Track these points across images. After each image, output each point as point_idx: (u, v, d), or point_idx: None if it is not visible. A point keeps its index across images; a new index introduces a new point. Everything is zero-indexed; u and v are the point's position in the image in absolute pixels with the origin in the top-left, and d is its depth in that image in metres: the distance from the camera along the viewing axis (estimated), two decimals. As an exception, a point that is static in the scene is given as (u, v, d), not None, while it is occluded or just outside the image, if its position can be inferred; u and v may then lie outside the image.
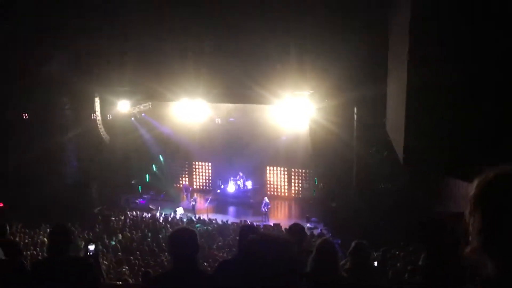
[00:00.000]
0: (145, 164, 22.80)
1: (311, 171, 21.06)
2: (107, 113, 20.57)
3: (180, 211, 20.03)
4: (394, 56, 10.49)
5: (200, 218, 18.85)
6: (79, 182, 19.33)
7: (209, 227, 17.19)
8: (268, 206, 19.55)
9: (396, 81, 9.13)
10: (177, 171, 23.85)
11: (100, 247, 12.46)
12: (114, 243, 14.55)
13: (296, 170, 22.16)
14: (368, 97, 14.00)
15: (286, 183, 22.44)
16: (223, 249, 13.96)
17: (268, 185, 22.48)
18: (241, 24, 14.73)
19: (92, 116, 19.99)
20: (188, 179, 23.54)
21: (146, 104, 21.17)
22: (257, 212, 19.80)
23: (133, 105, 20.50)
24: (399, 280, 8.20)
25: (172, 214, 19.46)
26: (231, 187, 21.73)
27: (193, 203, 20.33)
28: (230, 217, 19.53)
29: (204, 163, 23.59)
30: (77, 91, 18.23)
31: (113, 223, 17.35)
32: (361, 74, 14.06)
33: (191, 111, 19.96)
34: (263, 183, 22.35)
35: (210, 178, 23.56)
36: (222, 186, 22.02)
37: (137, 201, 21.35)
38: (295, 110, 17.69)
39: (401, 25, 7.53)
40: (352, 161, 16.44)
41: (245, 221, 17.08)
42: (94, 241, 5.44)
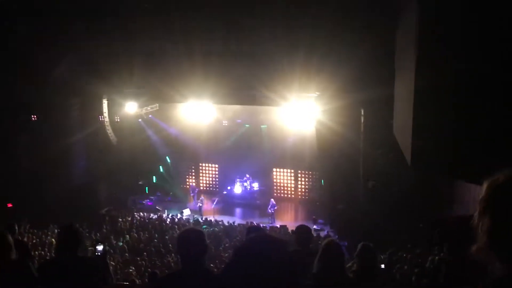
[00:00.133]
0: (152, 165, 22.88)
1: (318, 173, 21.02)
2: (115, 115, 20.70)
3: (187, 212, 20.08)
4: (401, 58, 10.46)
5: (207, 220, 18.88)
6: (87, 183, 19.44)
7: (216, 228, 17.22)
8: (275, 208, 19.53)
9: (403, 83, 9.11)
10: (184, 172, 23.92)
11: (107, 248, 12.53)
12: (122, 244, 14.62)
13: (303, 172, 22.14)
14: (375, 99, 13.97)
15: (293, 185, 22.43)
16: (230, 251, 13.97)
17: (275, 187, 22.48)
18: (248, 26, 14.75)
19: (100, 118, 20.13)
20: (195, 181, 23.59)
21: (154, 106, 21.26)
22: (264, 214, 19.80)
23: (141, 107, 20.60)
24: (406, 283, 8.17)
25: (179, 215, 19.53)
26: (238, 189, 21.75)
27: (200, 204, 20.37)
28: (237, 219, 19.56)
29: (211, 165, 23.64)
30: (86, 93, 18.37)
31: (120, 224, 17.44)
32: (368, 76, 14.02)
33: (198, 113, 20.03)
34: (270, 185, 22.35)
35: (217, 180, 23.60)
36: (229, 188, 22.06)
37: (144, 202, 21.44)
38: (302, 112, 17.70)
39: (408, 27, 7.52)
40: (359, 163, 16.40)
41: (252, 223, 17.10)
42: (102, 242, 5.48)
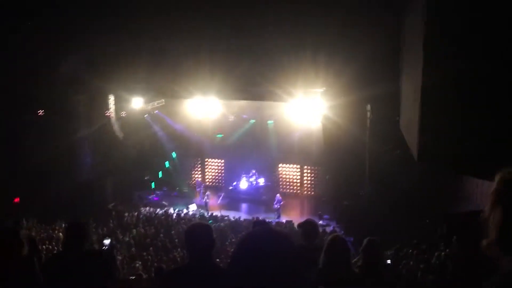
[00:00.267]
0: (158, 161, 22.96)
1: (324, 169, 20.99)
2: (121, 110, 20.77)
3: (193, 208, 20.15)
4: (408, 54, 10.41)
5: (213, 215, 18.95)
6: (93, 179, 19.55)
7: (221, 224, 17.28)
8: (281, 203, 19.55)
9: (410, 79, 9.07)
10: (190, 168, 23.98)
11: (114, 242, 12.61)
12: (128, 239, 14.71)
13: (309, 168, 22.13)
14: (381, 95, 13.91)
15: (299, 180, 22.42)
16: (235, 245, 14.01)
17: (281, 182, 22.49)
18: (254, 23, 14.73)
19: (106, 114, 20.20)
20: (201, 176, 23.65)
21: (160, 101, 21.30)
22: (270, 209, 19.83)
23: (147, 102, 20.65)
24: (412, 279, 8.17)
25: (185, 211, 19.61)
26: (244, 184, 21.79)
27: (206, 200, 20.43)
28: (243, 214, 19.59)
29: (217, 160, 23.67)
30: (92, 89, 18.44)
31: (127, 219, 17.54)
32: (374, 72, 13.96)
33: (204, 108, 20.05)
34: (276, 180, 22.36)
35: (223, 175, 23.65)
36: (235, 183, 22.10)
37: (150, 197, 21.54)
38: (308, 108, 17.66)
39: (415, 23, 7.47)
40: (365, 159, 16.37)
41: (257, 218, 17.13)
42: (109, 236, 5.52)
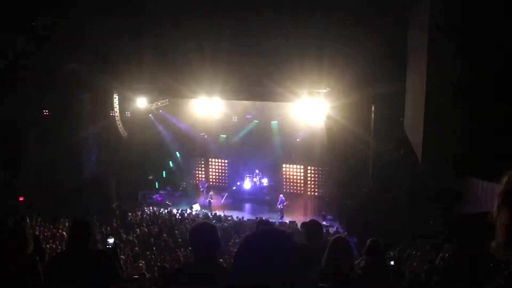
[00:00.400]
0: (162, 160, 23.00)
1: (327, 169, 20.97)
2: (126, 110, 20.82)
3: (196, 207, 20.18)
4: (413, 55, 10.39)
5: (216, 215, 18.95)
6: (97, 178, 19.60)
7: (225, 224, 17.28)
8: (284, 204, 19.54)
9: (415, 80, 9.05)
10: (194, 168, 24.00)
11: (117, 241, 12.65)
12: (132, 238, 14.73)
13: (312, 168, 22.10)
14: (386, 95, 13.90)
15: (302, 181, 22.40)
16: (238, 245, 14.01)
17: (284, 183, 22.47)
18: (259, 22, 14.73)
19: (111, 113, 20.25)
20: (205, 176, 23.66)
21: (164, 101, 21.34)
22: (273, 209, 19.82)
23: (151, 102, 20.69)
24: (416, 280, 8.15)
25: (189, 210, 19.63)
26: (247, 184, 21.79)
27: (210, 200, 20.44)
28: (246, 214, 19.59)
29: (221, 160, 23.69)
30: (97, 88, 18.49)
31: (130, 218, 17.59)
32: (379, 72, 13.95)
33: (208, 108, 20.07)
34: (279, 181, 22.35)
35: (226, 175, 23.65)
36: (238, 183, 22.11)
37: (154, 197, 21.58)
38: (312, 108, 17.64)
39: (420, 24, 7.46)
40: (369, 159, 16.34)
41: (261, 218, 17.12)
42: (112, 235, 5.53)
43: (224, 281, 3.21)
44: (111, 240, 4.71)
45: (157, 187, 22.34)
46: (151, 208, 19.91)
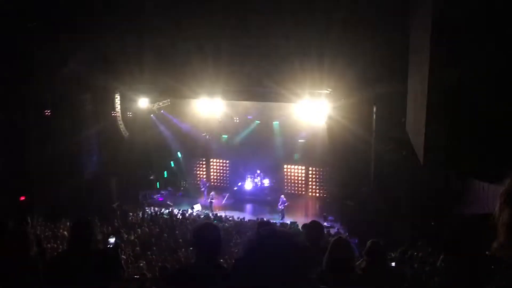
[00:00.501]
0: (164, 160, 23.00)
1: (329, 170, 20.96)
2: (127, 110, 20.84)
3: (198, 208, 20.17)
4: (415, 55, 10.37)
5: (217, 215, 18.95)
6: (99, 178, 19.62)
7: (226, 224, 17.28)
8: (285, 204, 19.53)
9: (417, 81, 9.04)
10: (195, 168, 24.01)
11: (118, 241, 12.65)
12: (133, 238, 14.75)
13: (314, 169, 22.08)
14: (388, 96, 13.89)
15: (304, 181, 22.39)
16: (241, 245, 14.02)
17: (286, 183, 22.46)
18: (260, 23, 14.74)
19: (112, 113, 20.27)
20: (206, 176, 23.66)
21: (165, 101, 21.35)
22: (274, 210, 19.81)
23: (153, 102, 20.70)
24: (417, 281, 8.13)
25: (190, 211, 19.63)
26: (249, 185, 21.78)
27: (211, 200, 20.44)
28: (247, 215, 19.58)
29: (222, 160, 23.68)
30: (98, 88, 18.51)
31: (131, 219, 17.59)
32: (381, 73, 13.94)
33: (210, 108, 20.09)
34: (281, 181, 22.33)
35: (228, 175, 23.65)
36: (240, 184, 22.10)
37: (155, 197, 21.58)
38: (313, 109, 17.64)
39: (423, 25, 7.45)
40: (370, 160, 16.33)
41: (262, 219, 17.11)
42: (113, 235, 5.53)
43: (225, 282, 3.22)
44: (112, 240, 4.71)
45: (158, 187, 22.35)
46: (152, 208, 19.92)
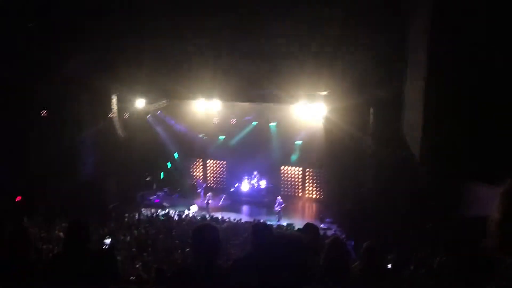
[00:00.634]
0: (160, 162, 22.98)
1: (326, 171, 20.97)
2: (124, 111, 20.80)
3: (194, 209, 20.15)
4: (413, 58, 10.39)
5: (213, 217, 18.93)
6: (95, 179, 19.56)
7: (223, 226, 17.25)
8: (282, 206, 19.53)
9: (414, 83, 9.05)
10: (192, 169, 23.99)
11: (114, 242, 12.61)
12: (129, 240, 14.70)
13: (311, 170, 22.10)
14: (385, 98, 13.90)
15: (301, 183, 22.40)
16: (236, 247, 14.01)
17: (283, 185, 22.46)
18: (258, 24, 14.74)
19: (109, 114, 20.23)
20: (203, 177, 23.65)
21: (163, 102, 21.33)
22: (271, 212, 19.81)
23: (150, 103, 20.68)
24: (413, 284, 8.14)
25: (186, 212, 19.60)
26: (245, 186, 21.77)
27: (207, 201, 20.42)
28: (244, 216, 19.57)
29: (219, 162, 23.67)
30: (95, 89, 18.47)
31: (128, 220, 17.54)
32: (378, 75, 13.94)
33: (207, 109, 20.09)
34: (278, 183, 22.33)
35: (225, 177, 23.64)
36: (236, 185, 22.10)
37: (152, 199, 21.55)
38: (311, 110, 17.65)
39: (421, 28, 7.46)
40: (368, 162, 16.33)
41: (258, 220, 17.10)
42: (109, 236, 5.52)
43: (224, 282, 3.21)
44: (108, 241, 4.70)
45: (155, 188, 22.31)
46: (149, 210, 19.89)
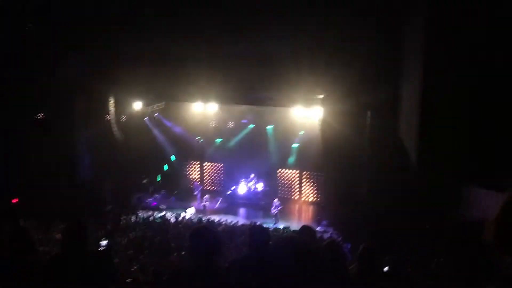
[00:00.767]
0: (157, 164, 22.96)
1: (323, 174, 21.01)
2: (121, 113, 20.79)
3: (191, 211, 20.12)
4: (409, 61, 10.44)
5: (209, 220, 18.91)
6: (92, 181, 19.53)
7: (219, 228, 17.24)
8: (279, 208, 19.54)
9: (411, 86, 9.09)
10: (189, 171, 23.98)
11: (111, 244, 12.58)
12: (125, 242, 14.67)
13: (308, 173, 22.13)
14: (381, 101, 13.94)
15: (297, 186, 22.42)
16: (233, 249, 14.00)
17: (280, 187, 22.48)
18: (255, 27, 14.77)
19: (106, 116, 20.22)
20: (200, 180, 23.64)
21: (160, 104, 21.33)
22: (268, 214, 19.81)
23: (147, 105, 20.68)
24: (410, 286, 8.15)
25: (183, 214, 19.58)
26: (242, 189, 21.77)
27: (204, 204, 20.41)
28: (240, 219, 19.56)
29: (216, 164, 23.67)
30: (92, 91, 18.44)
31: (125, 222, 17.52)
32: (375, 79, 13.99)
33: (204, 112, 20.12)
34: (275, 185, 22.35)
35: (222, 179, 23.64)
36: (233, 188, 22.09)
37: (148, 201, 21.52)
38: (308, 113, 17.70)
39: (416, 31, 7.51)
40: (364, 165, 16.36)
41: (255, 223, 17.10)
42: (106, 238, 5.52)
43: (222, 284, 3.22)
44: (104, 243, 4.70)
45: (152, 191, 22.29)
46: (146, 212, 19.86)
